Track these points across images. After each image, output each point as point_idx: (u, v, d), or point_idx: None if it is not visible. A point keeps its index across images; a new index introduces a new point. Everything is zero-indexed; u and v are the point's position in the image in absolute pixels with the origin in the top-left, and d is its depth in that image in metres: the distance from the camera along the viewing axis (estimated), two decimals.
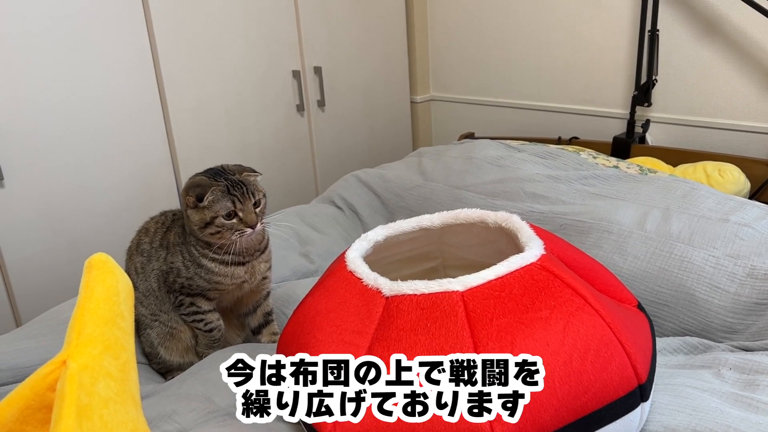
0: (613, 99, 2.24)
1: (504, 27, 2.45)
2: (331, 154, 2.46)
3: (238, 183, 1.19)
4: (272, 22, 2.15)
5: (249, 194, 1.20)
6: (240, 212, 1.19)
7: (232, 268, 1.24)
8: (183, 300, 1.27)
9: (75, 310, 0.76)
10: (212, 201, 1.17)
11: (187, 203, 1.20)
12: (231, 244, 1.20)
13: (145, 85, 1.89)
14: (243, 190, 1.19)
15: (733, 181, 1.76)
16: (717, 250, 1.33)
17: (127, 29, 1.82)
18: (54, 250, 1.80)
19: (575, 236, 1.49)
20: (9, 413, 0.71)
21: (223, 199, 1.17)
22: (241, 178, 1.21)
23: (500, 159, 1.86)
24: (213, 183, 1.18)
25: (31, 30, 1.64)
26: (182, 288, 1.26)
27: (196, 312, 1.28)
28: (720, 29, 1.94)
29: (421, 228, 1.21)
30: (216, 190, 1.17)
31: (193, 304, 1.27)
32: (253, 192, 1.21)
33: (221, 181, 1.19)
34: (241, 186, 1.19)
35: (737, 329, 1.24)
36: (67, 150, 1.77)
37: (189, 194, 1.19)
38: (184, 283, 1.25)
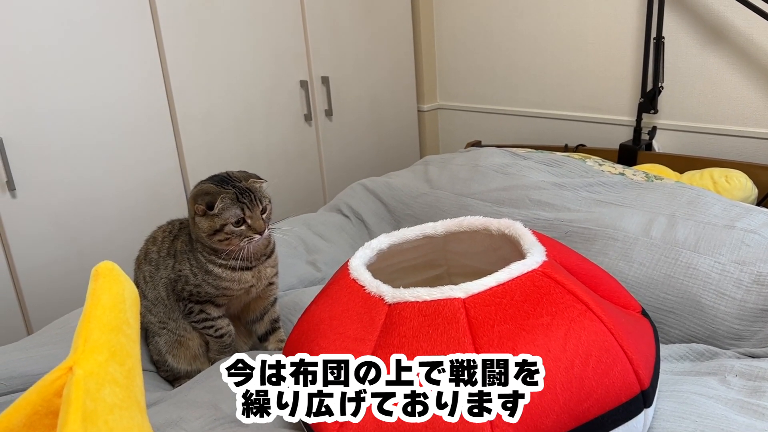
0: (619, 106, 2.24)
1: (510, 36, 2.46)
2: (339, 162, 2.47)
3: (246, 190, 1.21)
4: (280, 33, 2.17)
5: (257, 201, 1.21)
6: (249, 219, 1.20)
7: (239, 273, 1.26)
8: (192, 308, 1.28)
9: (82, 318, 0.77)
10: (222, 209, 1.19)
11: (195, 211, 1.21)
12: (239, 250, 1.22)
13: (155, 96, 1.92)
14: (251, 197, 1.21)
15: (740, 188, 1.76)
16: (723, 256, 1.33)
17: (137, 40, 1.84)
18: (64, 259, 1.82)
19: (581, 243, 1.49)
20: (17, 419, 0.72)
21: (232, 206, 1.19)
22: (248, 185, 1.22)
23: (506, 167, 1.87)
24: (222, 190, 1.19)
25: (41, 42, 1.67)
26: (191, 296, 1.27)
27: (206, 319, 1.29)
28: (726, 36, 1.94)
29: (424, 236, 1.22)
30: (225, 197, 1.19)
31: (203, 311, 1.28)
32: (260, 198, 1.23)
33: (229, 188, 1.20)
34: (249, 193, 1.21)
35: (744, 336, 1.24)
36: (77, 160, 1.79)
37: (198, 202, 1.20)
38: (192, 290, 1.26)
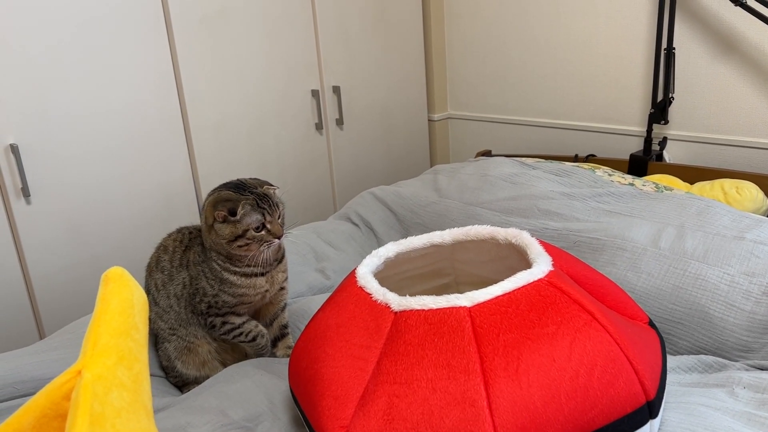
0: (629, 117, 2.24)
1: (521, 46, 2.47)
2: (349, 171, 2.49)
3: (264, 196, 1.23)
4: (292, 43, 2.19)
5: (275, 206, 1.24)
6: (269, 224, 1.22)
7: (253, 279, 1.27)
8: (214, 321, 1.29)
9: (91, 322, 0.78)
10: (243, 214, 1.21)
11: (216, 217, 1.23)
12: (258, 254, 1.24)
13: (168, 103, 1.94)
14: (270, 202, 1.23)
15: (751, 199, 1.75)
16: (732, 267, 1.32)
17: (151, 48, 1.87)
18: (77, 264, 1.84)
19: (589, 253, 1.49)
20: (26, 421, 0.73)
21: (253, 212, 1.21)
22: (265, 191, 1.24)
23: (515, 176, 1.87)
24: (242, 197, 1.21)
25: (56, 50, 1.70)
26: (209, 308, 1.28)
27: (232, 329, 1.30)
28: (737, 47, 1.93)
29: (432, 244, 1.22)
30: (246, 203, 1.21)
31: (226, 323, 1.30)
32: (277, 204, 1.25)
33: (248, 194, 1.22)
34: (267, 199, 1.23)
35: (753, 348, 1.23)
36: (91, 167, 1.82)
37: (218, 208, 1.21)
38: (211, 301, 1.28)
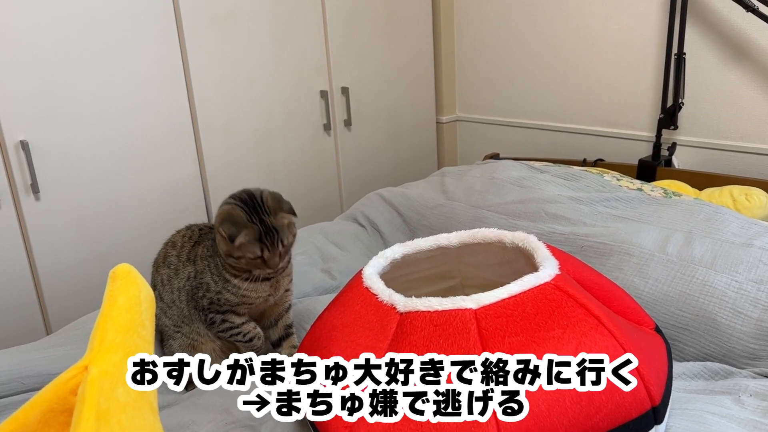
0: (639, 121, 2.23)
1: (530, 49, 2.46)
2: (357, 172, 2.49)
3: (271, 230, 1.19)
4: (301, 44, 2.20)
5: (278, 242, 1.20)
6: (266, 257, 1.21)
7: (256, 284, 1.27)
8: (214, 318, 1.30)
9: (98, 318, 0.79)
10: (242, 244, 1.18)
11: (218, 233, 1.22)
12: (251, 271, 1.24)
13: (177, 103, 1.95)
14: (274, 238, 1.20)
15: (761, 206, 1.74)
16: (740, 274, 1.31)
17: (161, 49, 1.88)
18: (84, 261, 1.85)
19: (596, 258, 1.49)
20: (32, 415, 0.73)
21: (252, 245, 1.19)
22: (276, 224, 1.20)
23: (522, 180, 1.87)
24: (247, 225, 1.18)
25: (67, 49, 1.72)
26: (211, 304, 1.28)
27: (230, 327, 1.30)
28: (748, 53, 1.93)
29: (438, 247, 1.22)
30: (249, 233, 1.18)
31: (225, 321, 1.30)
32: (283, 239, 1.21)
33: (255, 223, 1.19)
34: (274, 234, 1.20)
35: (760, 355, 1.22)
36: (100, 165, 1.83)
37: (222, 227, 1.19)
38: (213, 297, 1.28)
